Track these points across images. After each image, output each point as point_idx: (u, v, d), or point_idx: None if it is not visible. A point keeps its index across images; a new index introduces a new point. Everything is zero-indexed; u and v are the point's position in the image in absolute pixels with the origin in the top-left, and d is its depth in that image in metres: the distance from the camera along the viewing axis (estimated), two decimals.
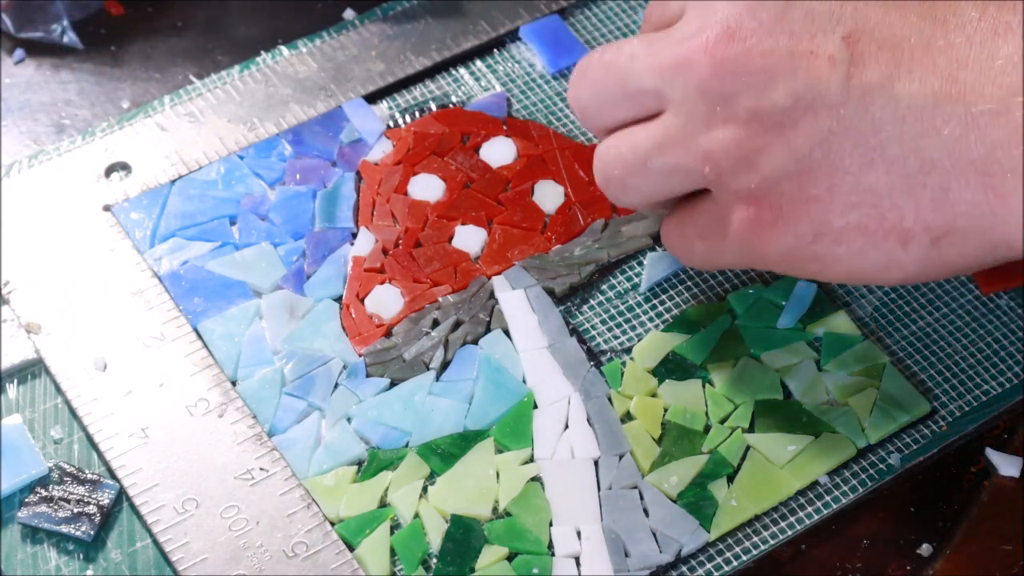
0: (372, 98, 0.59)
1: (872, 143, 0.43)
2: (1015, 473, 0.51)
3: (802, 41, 0.44)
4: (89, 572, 0.47)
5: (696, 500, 0.49)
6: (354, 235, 0.55)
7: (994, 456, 0.51)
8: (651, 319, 0.54)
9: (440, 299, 0.53)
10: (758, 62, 0.44)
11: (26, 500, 0.48)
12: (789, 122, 0.44)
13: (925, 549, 0.49)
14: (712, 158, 0.46)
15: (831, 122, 0.43)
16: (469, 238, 0.55)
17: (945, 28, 0.43)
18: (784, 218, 0.45)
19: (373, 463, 0.50)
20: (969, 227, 0.43)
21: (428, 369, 0.52)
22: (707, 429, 0.51)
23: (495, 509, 0.49)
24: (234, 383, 0.51)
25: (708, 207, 0.48)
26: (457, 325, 0.53)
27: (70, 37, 0.62)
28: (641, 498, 0.49)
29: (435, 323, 0.53)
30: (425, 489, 0.49)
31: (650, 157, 0.47)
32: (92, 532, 0.48)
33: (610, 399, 0.51)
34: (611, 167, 0.49)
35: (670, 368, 0.52)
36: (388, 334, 0.53)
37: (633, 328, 0.53)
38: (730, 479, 0.50)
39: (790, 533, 0.49)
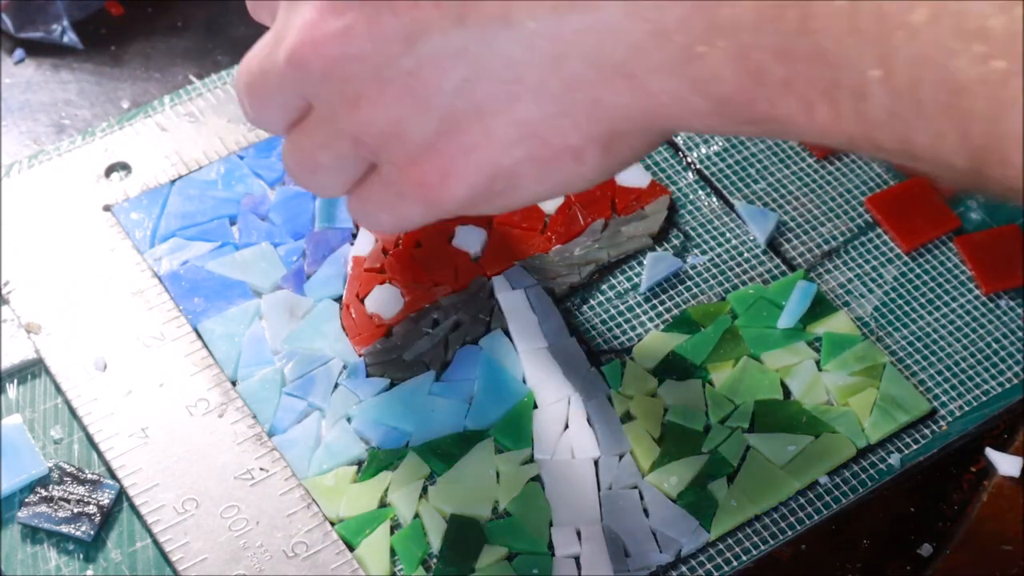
0: None
1: (509, 77, 0.42)
2: (1015, 473, 0.51)
3: None
4: (89, 572, 0.47)
5: (696, 500, 0.49)
6: (354, 235, 0.55)
7: (994, 456, 0.51)
8: (651, 319, 0.54)
9: (440, 299, 0.54)
10: (364, 35, 0.42)
11: (26, 500, 0.48)
12: (418, 83, 0.42)
13: (925, 549, 0.49)
14: (360, 141, 0.44)
15: (461, 69, 0.42)
16: (469, 238, 0.55)
17: None
18: (452, 174, 0.44)
19: (373, 463, 0.50)
20: (630, 128, 0.42)
21: (428, 369, 0.52)
22: (707, 429, 0.51)
23: (495, 509, 0.49)
24: (234, 383, 0.51)
25: (377, 179, 0.46)
26: (457, 325, 0.53)
27: (70, 37, 0.62)
28: (641, 498, 0.49)
29: (435, 323, 0.53)
30: (425, 489, 0.49)
31: (316, 155, 0.46)
32: (92, 532, 0.48)
33: (610, 399, 0.51)
34: (294, 173, 0.48)
35: (670, 368, 0.52)
36: (388, 334, 0.53)
37: (633, 328, 0.53)
38: (730, 479, 0.50)
39: (790, 533, 0.49)
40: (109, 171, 0.57)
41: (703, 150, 0.58)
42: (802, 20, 0.37)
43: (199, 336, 0.52)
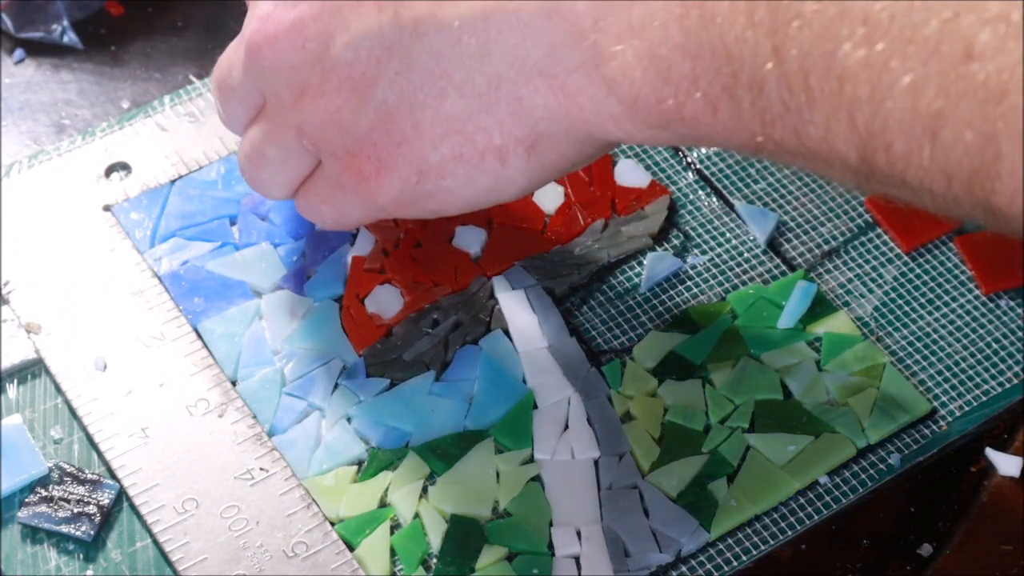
0: None
1: (438, 72, 0.44)
2: (1015, 473, 0.51)
3: None
4: (89, 572, 0.47)
5: (696, 500, 0.49)
6: (354, 236, 0.55)
7: (994, 456, 0.51)
8: (651, 319, 0.54)
9: (440, 299, 0.53)
10: (311, 27, 0.45)
11: (26, 500, 0.48)
12: (357, 75, 0.45)
13: (925, 549, 0.49)
14: (304, 131, 0.47)
15: (395, 63, 0.44)
16: (469, 238, 0.55)
17: None
18: (385, 166, 0.46)
19: (373, 463, 0.50)
20: (552, 129, 0.43)
21: (428, 369, 0.52)
22: (707, 429, 0.51)
23: (495, 509, 0.49)
24: (234, 383, 0.51)
25: (321, 173, 0.49)
26: (457, 325, 0.53)
27: (70, 37, 0.62)
28: (641, 498, 0.49)
29: (435, 323, 0.53)
30: (425, 489, 0.49)
31: (264, 148, 0.49)
32: (92, 532, 0.48)
33: (610, 399, 0.51)
34: (243, 169, 0.50)
35: (670, 368, 0.52)
36: (388, 334, 0.53)
37: (633, 328, 0.53)
38: (730, 479, 0.50)
39: (790, 533, 0.49)
40: (109, 171, 0.57)
41: (703, 150, 0.58)
42: (705, 16, 0.38)
43: (199, 336, 0.52)
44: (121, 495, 0.49)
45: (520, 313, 0.53)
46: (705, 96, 0.39)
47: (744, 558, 0.48)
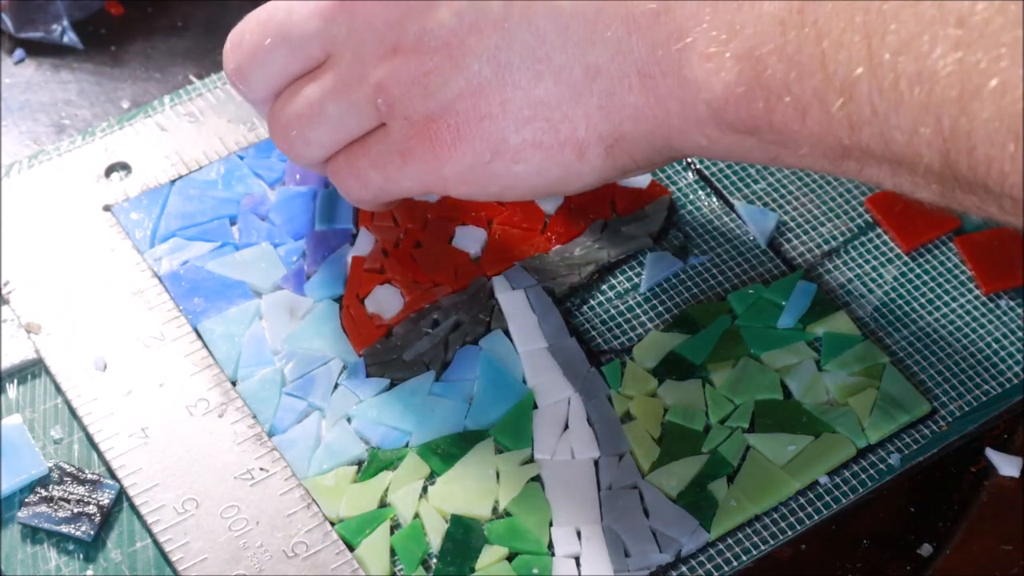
0: None
1: (539, 55, 0.43)
2: (1015, 473, 0.51)
3: None
4: (89, 572, 0.47)
5: (696, 500, 0.49)
6: (354, 236, 0.55)
7: (994, 456, 0.51)
8: (651, 319, 0.54)
9: (440, 299, 0.53)
10: None
11: (26, 500, 0.48)
12: (456, 42, 0.44)
13: (925, 549, 0.49)
14: (385, 88, 0.46)
15: (497, 38, 0.44)
16: (469, 238, 0.55)
17: None
18: (462, 137, 0.45)
19: (373, 463, 0.50)
20: (635, 131, 0.43)
21: (428, 369, 0.52)
22: (707, 429, 0.51)
23: (495, 509, 0.49)
24: (234, 383, 0.51)
25: (381, 137, 0.48)
26: (457, 325, 0.53)
27: (70, 37, 0.62)
28: (641, 498, 0.49)
29: (435, 323, 0.53)
30: (425, 489, 0.49)
31: (325, 104, 0.48)
32: (92, 532, 0.48)
33: (610, 399, 0.51)
34: (289, 126, 0.49)
35: (670, 368, 0.52)
36: (388, 334, 0.53)
37: (633, 328, 0.53)
38: (730, 479, 0.50)
39: (790, 533, 0.49)
40: (109, 171, 0.57)
41: None
42: (807, 19, 0.38)
43: (199, 336, 0.52)
44: (121, 495, 0.49)
45: (520, 313, 0.53)
46: (796, 100, 0.39)
47: (744, 558, 0.48)
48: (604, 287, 0.55)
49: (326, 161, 0.50)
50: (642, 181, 0.57)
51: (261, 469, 0.49)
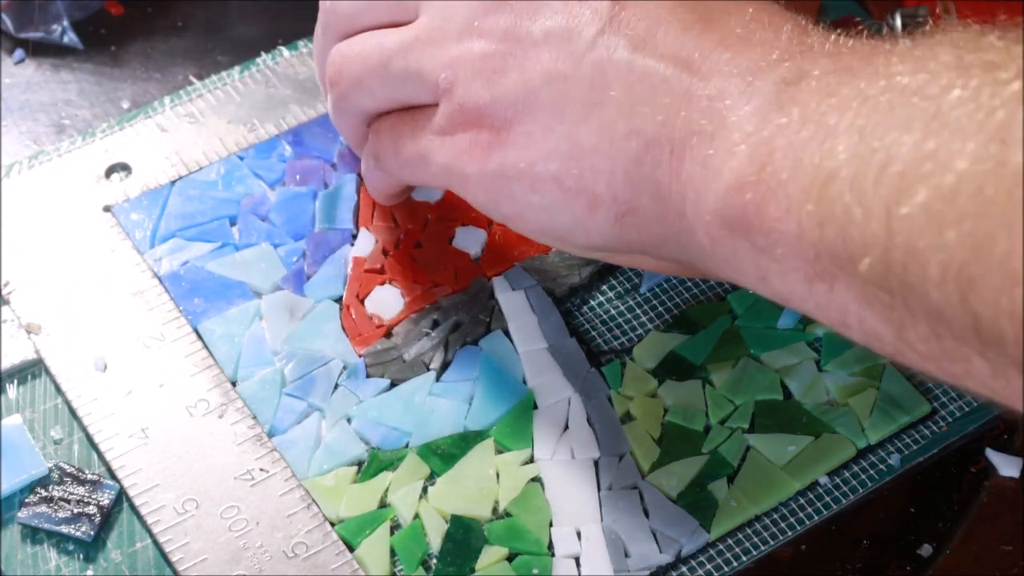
0: None
1: (595, 99, 0.43)
2: (1015, 473, 0.51)
3: None
4: (89, 572, 0.47)
5: (696, 500, 0.49)
6: (354, 236, 0.55)
7: (994, 456, 0.51)
8: (651, 319, 0.54)
9: (440, 300, 0.54)
10: (528, 9, 0.45)
11: (26, 500, 0.48)
12: (533, 52, 0.44)
13: (925, 549, 0.49)
14: (455, 65, 0.46)
15: (569, 66, 0.44)
16: (469, 238, 0.55)
17: (705, 25, 0.43)
18: (499, 144, 0.45)
19: (373, 463, 0.50)
20: (650, 209, 0.43)
21: (428, 370, 0.52)
22: (707, 429, 0.51)
23: (495, 509, 0.49)
24: (234, 384, 0.51)
25: (430, 114, 0.48)
26: (457, 326, 0.53)
27: (70, 37, 0.62)
28: (641, 498, 0.49)
29: (435, 324, 0.53)
30: (425, 489, 0.49)
31: (394, 57, 0.48)
32: (92, 532, 0.48)
33: (610, 399, 0.51)
34: (351, 63, 0.49)
35: (670, 368, 0.52)
36: (388, 335, 0.53)
37: (633, 328, 0.53)
38: (730, 479, 0.50)
39: (790, 533, 0.49)
40: (109, 172, 0.57)
41: None
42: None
43: (199, 337, 0.52)
44: (121, 495, 0.49)
45: (520, 314, 0.53)
46: (787, 196, 0.38)
47: (744, 558, 0.48)
48: (604, 287, 0.55)
49: (374, 127, 0.50)
50: None
51: (261, 470, 0.49)
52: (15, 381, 0.51)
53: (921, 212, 0.34)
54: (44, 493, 0.48)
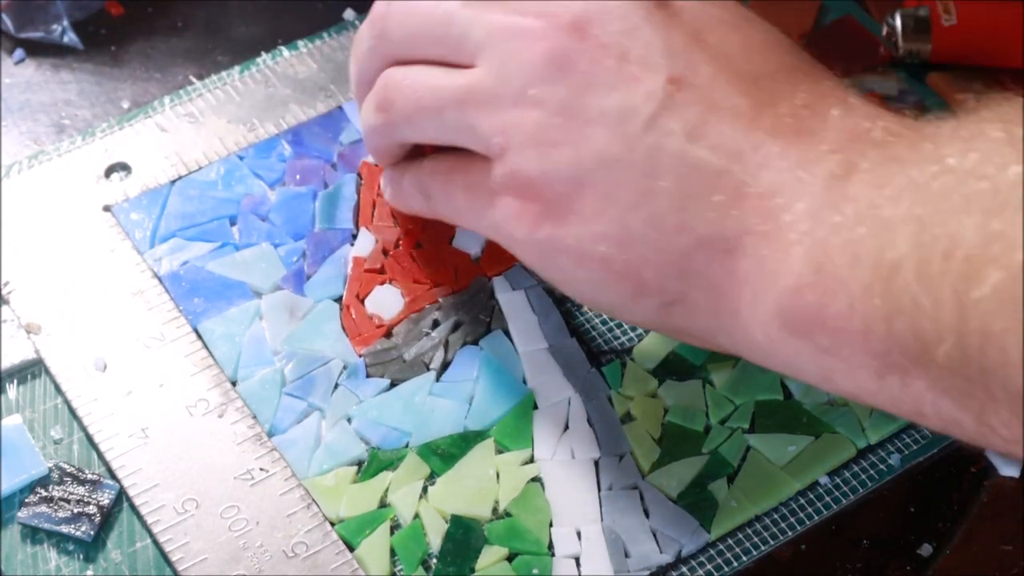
0: None
1: (647, 187, 0.43)
2: (1015, 473, 0.51)
3: (634, 65, 0.43)
4: (89, 572, 0.47)
5: (696, 500, 0.49)
6: (354, 236, 0.55)
7: (994, 456, 0.51)
8: None
9: (440, 299, 0.53)
10: (588, 65, 0.44)
11: (26, 500, 0.48)
12: (589, 131, 0.44)
13: (925, 549, 0.49)
14: (509, 132, 0.45)
15: (622, 150, 0.43)
16: (470, 238, 0.55)
17: (757, 112, 0.42)
18: (546, 216, 0.45)
19: (373, 463, 0.50)
20: (701, 302, 0.43)
21: (428, 369, 0.52)
22: (707, 429, 0.51)
23: (495, 509, 0.49)
24: (234, 383, 0.51)
25: (483, 167, 0.47)
26: (457, 325, 0.53)
27: (70, 37, 0.62)
28: (641, 498, 0.49)
29: (435, 323, 0.53)
30: (425, 489, 0.49)
31: (448, 107, 0.47)
32: (92, 532, 0.48)
33: (610, 399, 0.51)
34: (404, 98, 0.48)
35: (670, 368, 0.52)
36: (388, 335, 0.53)
37: (633, 328, 0.53)
38: (730, 479, 0.50)
39: (790, 533, 0.49)
40: (109, 171, 0.57)
41: None
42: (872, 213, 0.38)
43: (199, 336, 0.52)
44: (121, 495, 0.49)
45: (520, 313, 0.53)
46: (849, 294, 0.38)
47: (744, 558, 0.48)
48: None
49: (425, 165, 0.50)
50: None
51: (261, 469, 0.49)
52: (15, 381, 0.51)
53: (994, 295, 0.34)
54: (44, 493, 0.48)
